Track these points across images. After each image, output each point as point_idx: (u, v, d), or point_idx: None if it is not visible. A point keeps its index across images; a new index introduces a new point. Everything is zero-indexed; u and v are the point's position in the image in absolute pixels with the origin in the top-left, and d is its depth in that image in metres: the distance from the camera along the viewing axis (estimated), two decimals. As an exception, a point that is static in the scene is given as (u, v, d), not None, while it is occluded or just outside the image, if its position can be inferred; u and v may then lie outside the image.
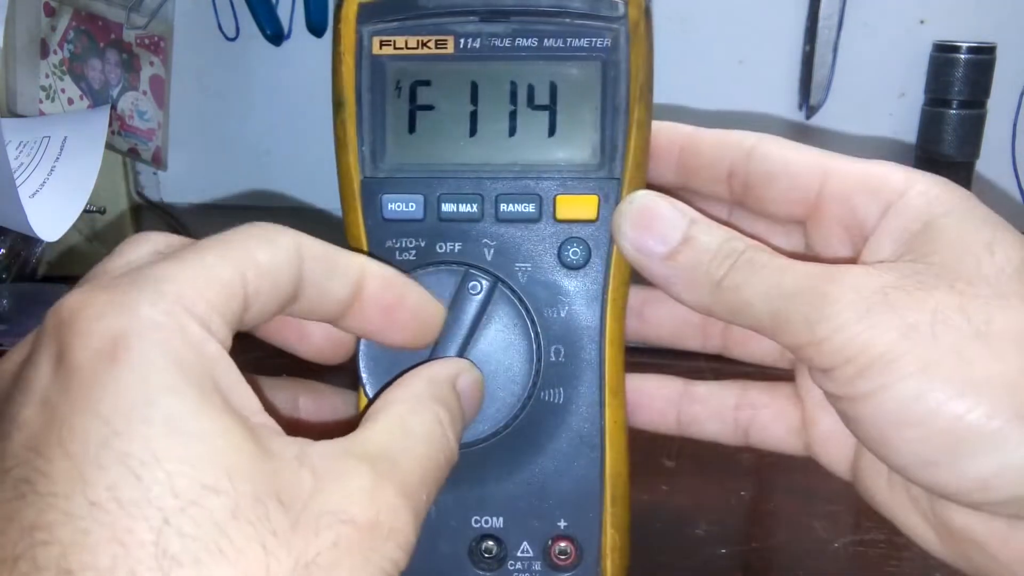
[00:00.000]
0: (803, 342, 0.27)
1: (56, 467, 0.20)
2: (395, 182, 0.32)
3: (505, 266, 0.32)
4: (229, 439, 0.22)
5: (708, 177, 0.34)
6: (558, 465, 0.32)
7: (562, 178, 0.32)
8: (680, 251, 0.29)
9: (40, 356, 0.22)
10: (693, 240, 0.29)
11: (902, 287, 0.27)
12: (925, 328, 0.26)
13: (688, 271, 0.29)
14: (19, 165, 0.63)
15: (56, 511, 0.20)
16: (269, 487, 0.21)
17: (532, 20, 0.32)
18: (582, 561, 0.32)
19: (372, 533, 0.22)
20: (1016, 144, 0.63)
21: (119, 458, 0.20)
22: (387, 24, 0.32)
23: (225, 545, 0.20)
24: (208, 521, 0.20)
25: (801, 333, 0.27)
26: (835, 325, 0.26)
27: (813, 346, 0.27)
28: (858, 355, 0.26)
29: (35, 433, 0.21)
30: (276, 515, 0.21)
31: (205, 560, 0.20)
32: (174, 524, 0.20)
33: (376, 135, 0.32)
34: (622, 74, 0.32)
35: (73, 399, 0.21)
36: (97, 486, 0.20)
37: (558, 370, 0.32)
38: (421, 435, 0.26)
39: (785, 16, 0.62)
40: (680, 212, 0.30)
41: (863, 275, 0.27)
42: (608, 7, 0.31)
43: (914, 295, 0.26)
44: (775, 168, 0.32)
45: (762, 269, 0.28)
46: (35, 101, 0.75)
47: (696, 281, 0.29)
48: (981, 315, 0.26)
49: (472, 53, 0.32)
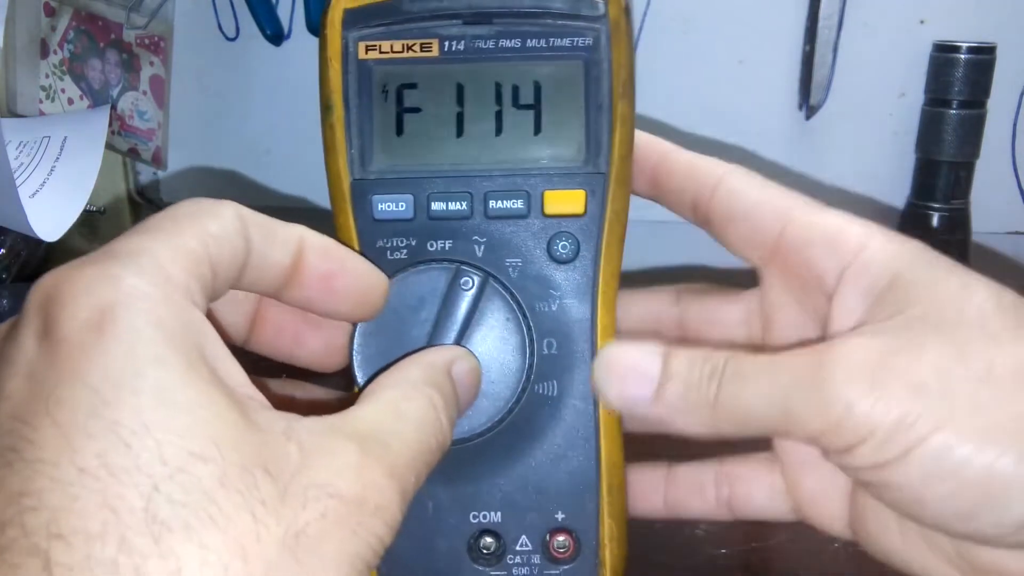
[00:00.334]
0: (818, 431, 0.27)
1: (44, 435, 0.20)
2: (384, 183, 0.32)
3: (496, 262, 0.32)
4: (216, 410, 0.22)
5: (676, 202, 0.34)
6: (554, 458, 0.32)
7: (549, 174, 0.32)
8: (665, 387, 0.29)
9: (24, 331, 0.22)
10: (673, 373, 0.29)
11: (895, 349, 0.26)
12: (932, 384, 0.25)
13: (680, 402, 0.29)
14: (19, 165, 0.63)
15: (45, 478, 0.20)
16: (256, 457, 0.22)
17: (515, 22, 0.32)
18: (581, 552, 0.32)
19: (359, 508, 0.23)
20: (1016, 144, 0.63)
21: (108, 426, 0.20)
22: (372, 29, 0.32)
23: (215, 512, 0.20)
24: (197, 488, 0.20)
25: (813, 423, 0.27)
26: (844, 406, 0.26)
27: (830, 432, 0.26)
28: (876, 428, 0.26)
29: (21, 403, 0.21)
30: (264, 485, 0.21)
31: (195, 526, 0.20)
32: (163, 491, 0.20)
33: (364, 138, 0.32)
34: (604, 72, 0.32)
35: (60, 370, 0.21)
36: (86, 453, 0.20)
37: (551, 363, 0.32)
38: (413, 418, 0.26)
39: (785, 16, 0.62)
40: (651, 352, 0.30)
41: (853, 348, 0.27)
42: (589, 7, 0.32)
43: (910, 354, 0.26)
44: (735, 210, 0.32)
45: (751, 374, 0.28)
46: (35, 101, 0.75)
47: (693, 409, 0.29)
48: (981, 360, 0.26)
49: (457, 55, 0.32)
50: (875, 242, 0.30)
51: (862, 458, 0.26)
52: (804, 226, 0.31)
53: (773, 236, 0.32)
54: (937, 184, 0.61)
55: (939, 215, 0.61)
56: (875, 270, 0.29)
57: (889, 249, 0.29)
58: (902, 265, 0.29)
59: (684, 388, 0.29)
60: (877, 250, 0.29)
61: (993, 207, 0.63)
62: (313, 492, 0.22)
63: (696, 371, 0.29)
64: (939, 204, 0.61)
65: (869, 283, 0.29)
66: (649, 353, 0.30)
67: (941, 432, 0.25)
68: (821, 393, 0.26)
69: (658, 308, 0.37)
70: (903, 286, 0.28)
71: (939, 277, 0.28)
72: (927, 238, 0.29)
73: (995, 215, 0.63)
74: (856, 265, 0.30)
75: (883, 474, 0.26)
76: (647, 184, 0.34)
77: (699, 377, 0.29)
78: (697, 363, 0.29)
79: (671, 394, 0.29)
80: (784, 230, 0.31)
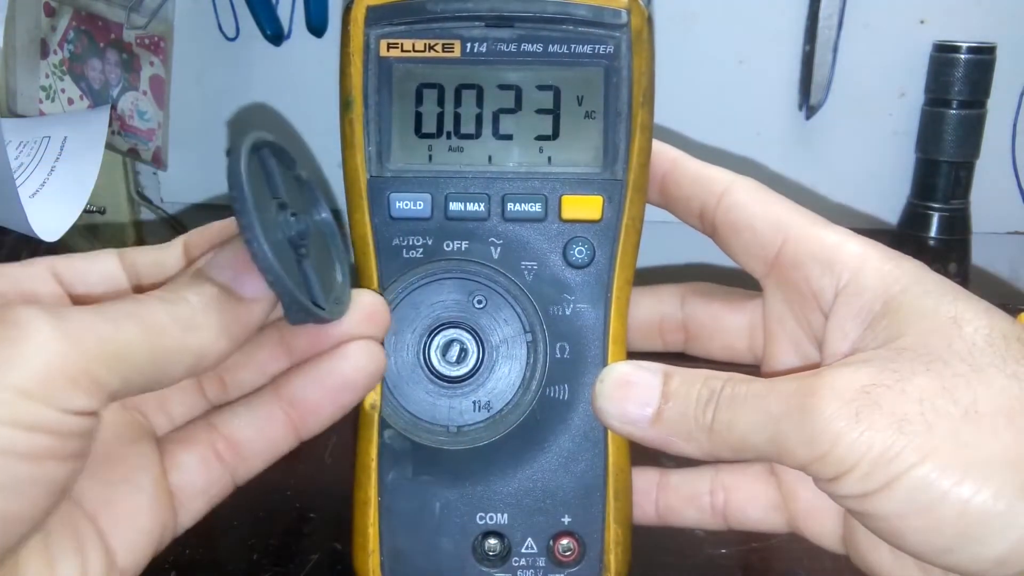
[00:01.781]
0: (806, 461, 0.27)
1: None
2: (402, 181, 0.32)
3: (511, 264, 0.32)
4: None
5: (683, 210, 0.34)
6: (562, 461, 0.32)
7: (567, 179, 0.32)
8: (664, 408, 0.30)
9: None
10: (672, 394, 0.30)
11: (882, 382, 0.27)
12: (916, 418, 0.26)
13: (678, 424, 0.29)
14: (19, 165, 0.63)
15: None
16: None
17: (537, 26, 0.32)
18: (585, 556, 0.32)
19: None
20: (1016, 144, 0.63)
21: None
22: (395, 27, 0.32)
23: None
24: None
25: (801, 453, 0.27)
26: (830, 438, 0.26)
27: (817, 462, 0.27)
28: (860, 460, 0.26)
29: None
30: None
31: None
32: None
33: (383, 135, 0.32)
34: (624, 80, 0.32)
35: None
36: None
37: (563, 367, 0.32)
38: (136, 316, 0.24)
39: (785, 16, 0.62)
40: (651, 371, 0.30)
41: (840, 378, 0.27)
42: (612, 15, 0.32)
43: (896, 387, 0.26)
44: (739, 221, 0.32)
45: (745, 401, 0.28)
46: (35, 101, 0.75)
47: (690, 432, 0.29)
48: (966, 395, 0.26)
49: (478, 57, 0.32)
50: (871, 263, 0.30)
51: (847, 488, 0.26)
52: (803, 241, 0.31)
53: (773, 250, 0.32)
54: (937, 184, 0.61)
55: (939, 215, 0.61)
56: (869, 293, 0.29)
57: (885, 271, 0.30)
58: (896, 290, 0.29)
59: (682, 410, 0.29)
60: (872, 272, 0.30)
61: (993, 207, 0.63)
62: None
63: (693, 395, 0.29)
64: (939, 204, 0.61)
65: (863, 305, 0.29)
66: (650, 372, 0.30)
67: (922, 466, 0.25)
68: (808, 424, 0.27)
69: (662, 309, 0.37)
70: (895, 312, 0.29)
71: (931, 306, 0.28)
72: (927, 238, 0.30)
73: (995, 215, 0.64)
74: (851, 287, 0.30)
75: (867, 505, 0.26)
76: (656, 191, 0.34)
77: (696, 401, 0.29)
78: (695, 386, 0.29)
79: (669, 416, 0.30)
80: (784, 245, 0.32)
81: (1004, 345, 0.27)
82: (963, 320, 0.28)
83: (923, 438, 0.25)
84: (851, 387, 0.27)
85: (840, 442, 0.26)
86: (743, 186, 0.33)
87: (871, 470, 0.26)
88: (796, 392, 0.27)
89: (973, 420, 0.26)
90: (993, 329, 0.27)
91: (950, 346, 0.27)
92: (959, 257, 0.61)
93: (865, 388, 0.26)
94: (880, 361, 0.27)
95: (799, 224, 0.32)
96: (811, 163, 0.64)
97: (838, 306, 0.30)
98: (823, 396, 0.27)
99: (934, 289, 0.29)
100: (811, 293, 0.31)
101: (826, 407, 0.26)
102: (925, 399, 0.26)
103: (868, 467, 0.26)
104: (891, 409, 0.26)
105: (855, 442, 0.26)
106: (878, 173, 0.64)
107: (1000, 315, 0.28)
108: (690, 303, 0.36)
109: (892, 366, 0.27)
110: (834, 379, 0.27)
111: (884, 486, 0.26)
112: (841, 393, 0.27)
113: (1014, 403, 0.26)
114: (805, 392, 0.27)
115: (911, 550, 0.27)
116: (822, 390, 0.27)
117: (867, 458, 0.26)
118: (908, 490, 0.25)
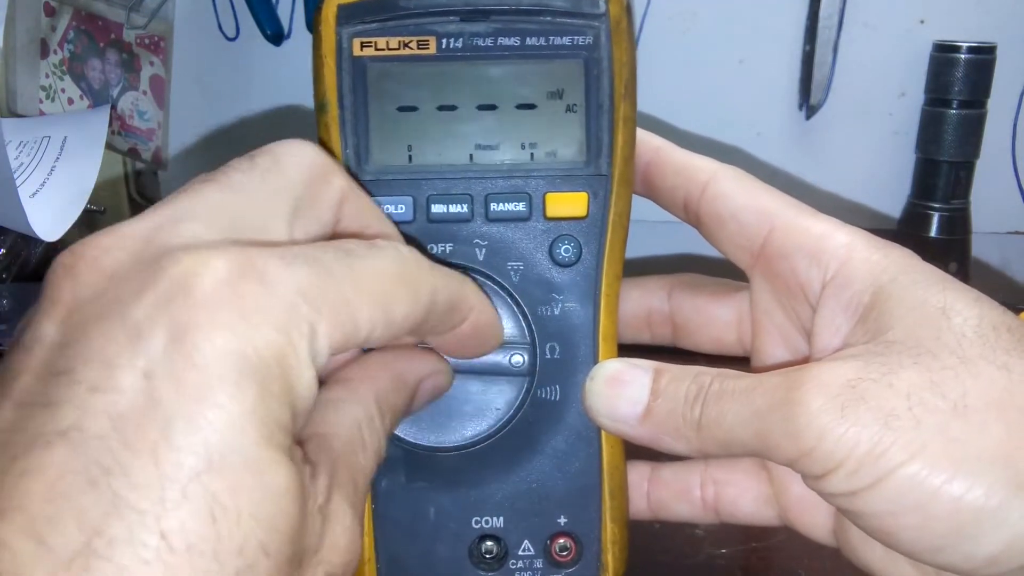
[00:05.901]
0: (792, 456, 0.26)
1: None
2: (382, 184, 0.32)
3: (497, 265, 0.32)
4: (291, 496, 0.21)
5: (668, 200, 0.34)
6: (556, 462, 0.32)
7: (551, 176, 0.32)
8: (653, 405, 0.29)
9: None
10: (661, 390, 0.29)
11: (868, 376, 0.26)
12: (904, 413, 0.25)
13: (667, 421, 0.29)
14: (19, 165, 0.63)
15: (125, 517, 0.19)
16: (299, 549, 0.22)
17: (514, 19, 0.32)
18: (583, 556, 0.32)
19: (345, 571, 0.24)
20: (1016, 144, 0.63)
21: None
22: (367, 25, 0.31)
23: None
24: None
25: (788, 449, 0.26)
26: (815, 433, 0.26)
27: (804, 458, 0.26)
28: (847, 457, 0.25)
29: None
30: None
31: None
32: None
33: (360, 137, 0.32)
34: (605, 71, 0.31)
35: None
36: None
37: (554, 367, 0.32)
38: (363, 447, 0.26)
39: (785, 16, 0.62)
40: (642, 368, 0.30)
41: (826, 372, 0.27)
42: (589, 4, 0.31)
43: (883, 381, 0.26)
44: (723, 211, 0.32)
45: (732, 396, 0.28)
46: (35, 101, 0.75)
47: (680, 429, 0.29)
48: (955, 389, 0.25)
49: (454, 53, 0.32)
50: (859, 253, 0.29)
51: (834, 485, 0.26)
52: (789, 232, 0.31)
53: (759, 241, 0.31)
54: (937, 184, 0.61)
55: (939, 215, 0.61)
56: (858, 284, 0.29)
57: (873, 260, 0.29)
58: (885, 279, 0.28)
59: (671, 407, 0.29)
60: (860, 262, 0.29)
61: (993, 207, 0.63)
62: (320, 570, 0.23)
63: (682, 391, 0.29)
64: (939, 204, 0.61)
65: (852, 297, 0.29)
66: (640, 368, 0.30)
67: (911, 463, 0.25)
68: (795, 420, 0.26)
69: (649, 302, 0.36)
70: (883, 302, 0.28)
71: (919, 295, 0.28)
72: (927, 238, 0.29)
73: (995, 215, 0.63)
74: (839, 278, 0.29)
75: (856, 502, 0.26)
76: (640, 181, 0.34)
77: (684, 398, 0.29)
78: (684, 383, 0.29)
79: (658, 412, 0.29)
80: (769, 235, 0.31)
81: (994, 336, 0.26)
82: (952, 310, 0.27)
83: (911, 434, 0.25)
84: (836, 381, 0.26)
85: (826, 438, 0.25)
86: (728, 175, 0.32)
87: (858, 467, 0.25)
88: (781, 386, 0.27)
89: (963, 414, 0.25)
90: (983, 319, 0.27)
91: (939, 338, 0.26)
92: (959, 257, 0.61)
93: (851, 382, 0.26)
94: (868, 355, 0.27)
95: (785, 214, 0.31)
96: (811, 163, 0.64)
97: (826, 298, 0.30)
98: (808, 390, 0.26)
99: (923, 279, 0.28)
100: (798, 285, 0.31)
101: (811, 401, 0.26)
102: (913, 393, 0.25)
103: (855, 464, 0.25)
104: (877, 404, 0.25)
105: (841, 438, 0.25)
106: (878, 173, 0.64)
107: (990, 304, 0.28)
108: (676, 296, 0.36)
109: (879, 360, 0.26)
110: (820, 372, 0.27)
111: (872, 484, 0.25)
112: (826, 387, 0.26)
113: (1004, 396, 0.25)
114: (790, 386, 0.27)
115: (902, 548, 0.26)
116: (807, 384, 0.26)
117: (854, 455, 0.25)
118: (897, 488, 0.25)
